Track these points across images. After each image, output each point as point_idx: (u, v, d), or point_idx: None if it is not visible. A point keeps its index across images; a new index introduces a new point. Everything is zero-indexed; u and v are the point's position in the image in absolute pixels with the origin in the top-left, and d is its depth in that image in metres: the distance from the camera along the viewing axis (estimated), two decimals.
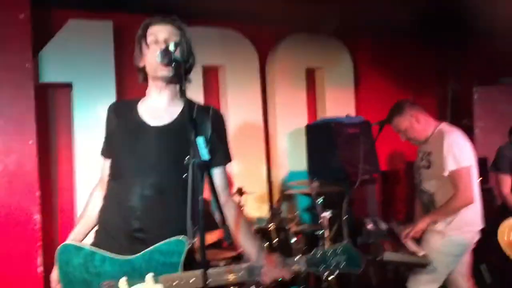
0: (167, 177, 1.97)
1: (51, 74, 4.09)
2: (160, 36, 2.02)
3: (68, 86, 4.21)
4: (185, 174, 1.88)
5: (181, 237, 1.89)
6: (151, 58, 2.00)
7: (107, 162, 2.13)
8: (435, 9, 4.97)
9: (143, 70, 2.10)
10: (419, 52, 5.74)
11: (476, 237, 3.35)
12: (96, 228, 2.13)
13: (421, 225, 3.31)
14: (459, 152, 3.24)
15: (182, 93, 1.81)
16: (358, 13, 4.71)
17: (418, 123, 3.44)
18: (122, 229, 1.97)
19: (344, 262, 1.91)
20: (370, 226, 3.66)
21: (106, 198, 2.10)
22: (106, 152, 2.15)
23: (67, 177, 4.25)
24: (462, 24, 5.31)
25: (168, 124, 2.04)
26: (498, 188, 4.05)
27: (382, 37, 5.50)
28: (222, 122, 2.13)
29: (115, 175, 2.06)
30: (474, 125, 5.33)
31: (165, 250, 1.90)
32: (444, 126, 3.45)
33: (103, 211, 2.10)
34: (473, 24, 5.26)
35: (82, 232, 2.16)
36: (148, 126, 2.04)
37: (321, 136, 4.83)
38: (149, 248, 1.91)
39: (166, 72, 1.98)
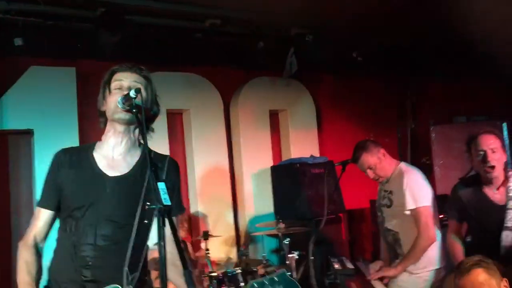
0: (122, 228, 1.95)
1: (11, 121, 4.03)
2: (124, 83, 2.04)
3: (29, 133, 4.14)
4: (146, 220, 1.87)
5: (116, 285, 1.86)
6: (111, 102, 2.01)
7: (46, 214, 2.03)
8: (394, 51, 5.22)
9: (104, 115, 2.09)
10: (379, 93, 5.94)
11: (442, 273, 3.41)
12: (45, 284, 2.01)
13: (393, 271, 3.35)
14: (418, 191, 3.33)
15: (144, 140, 1.82)
16: (318, 55, 4.87)
17: (385, 160, 3.52)
18: (73, 281, 1.91)
19: None
20: (336, 265, 3.67)
21: (57, 251, 2.02)
22: (48, 202, 2.03)
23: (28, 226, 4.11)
24: (418, 67, 5.57)
25: (126, 174, 2.02)
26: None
27: (342, 79, 5.68)
28: (177, 171, 2.14)
29: (67, 226, 1.98)
30: (433, 163, 5.50)
31: None
32: (403, 165, 3.54)
33: (54, 265, 2.01)
34: (428, 67, 5.54)
35: None
36: (106, 176, 2.01)
37: (286, 177, 4.87)
38: None
39: (124, 114, 1.98)
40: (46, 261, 2.04)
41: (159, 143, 4.39)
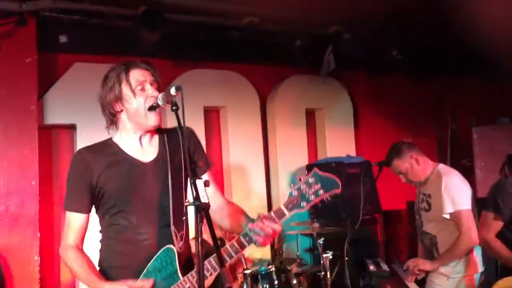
0: (168, 207, 2.04)
1: (55, 116, 4.16)
2: (146, 82, 2.08)
3: (72, 128, 4.27)
4: (184, 217, 2.02)
5: (167, 246, 1.97)
6: (137, 105, 2.05)
7: (80, 217, 2.07)
8: (433, 49, 5.11)
9: (115, 115, 2.12)
10: (417, 92, 5.82)
11: (481, 278, 3.34)
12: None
13: (429, 265, 3.30)
14: (457, 194, 3.26)
15: (182, 137, 1.91)
16: (355, 53, 4.83)
17: (418, 165, 3.46)
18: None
19: (321, 189, 1.92)
20: (371, 267, 3.63)
21: (110, 246, 2.09)
22: (81, 205, 2.06)
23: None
24: (459, 66, 5.43)
25: (157, 157, 2.11)
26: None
27: (380, 77, 5.60)
28: (194, 135, 2.24)
29: (121, 221, 2.04)
30: (474, 165, 5.35)
31: (158, 265, 1.95)
32: (442, 167, 3.47)
33: (109, 257, 2.09)
34: (470, 66, 5.39)
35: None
36: (144, 164, 2.09)
37: None
38: (144, 272, 1.96)
39: (157, 122, 2.06)
40: None
41: None
